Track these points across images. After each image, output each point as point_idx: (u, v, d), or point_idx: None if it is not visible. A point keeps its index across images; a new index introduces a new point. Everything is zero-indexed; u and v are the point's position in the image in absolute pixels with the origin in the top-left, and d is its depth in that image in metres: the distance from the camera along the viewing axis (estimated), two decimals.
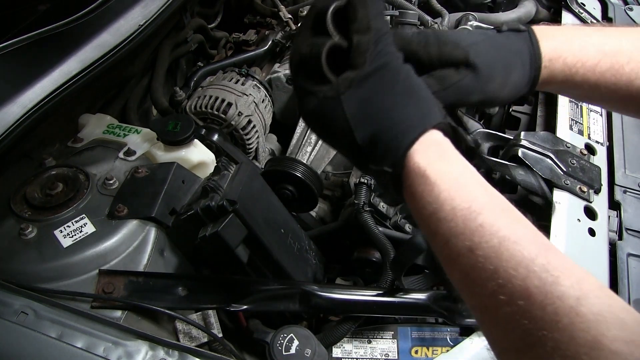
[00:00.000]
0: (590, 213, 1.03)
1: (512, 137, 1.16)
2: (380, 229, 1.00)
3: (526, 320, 0.41)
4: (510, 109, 1.50)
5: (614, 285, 0.93)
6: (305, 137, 1.20)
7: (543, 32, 0.62)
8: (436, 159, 0.48)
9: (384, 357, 0.90)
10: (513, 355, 0.43)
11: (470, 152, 0.53)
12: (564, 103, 1.26)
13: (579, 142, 1.15)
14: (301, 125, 1.24)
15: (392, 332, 0.92)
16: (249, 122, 1.16)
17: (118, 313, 0.76)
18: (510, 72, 0.61)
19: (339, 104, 0.50)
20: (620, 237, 1.02)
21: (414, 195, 0.48)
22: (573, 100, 1.27)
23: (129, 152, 0.94)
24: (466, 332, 0.88)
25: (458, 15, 1.62)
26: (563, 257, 0.44)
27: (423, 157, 0.48)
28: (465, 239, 0.45)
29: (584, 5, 1.56)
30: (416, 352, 0.90)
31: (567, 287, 0.40)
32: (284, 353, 0.74)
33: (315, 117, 0.53)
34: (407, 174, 0.48)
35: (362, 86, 0.50)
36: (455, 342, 0.88)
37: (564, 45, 0.62)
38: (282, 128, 1.33)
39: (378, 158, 0.50)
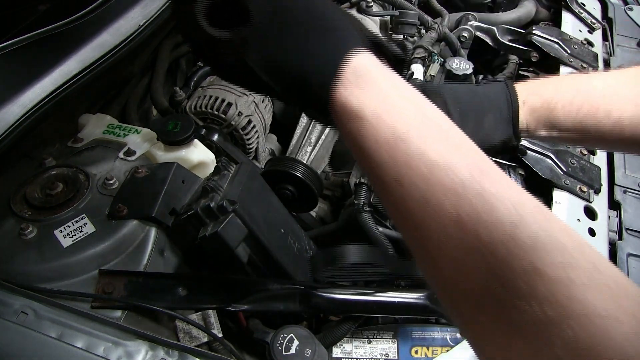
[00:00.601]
0: (590, 213, 1.03)
1: None
2: (380, 229, 1.00)
3: (461, 250, 0.38)
4: None
5: None
6: (305, 137, 1.20)
7: (519, 82, 0.68)
8: (358, 90, 0.44)
9: (384, 357, 0.90)
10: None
11: (398, 62, 0.50)
12: None
13: None
14: (301, 125, 1.24)
15: (392, 332, 0.92)
16: (249, 122, 1.16)
17: (118, 313, 0.76)
18: (484, 115, 0.64)
19: (244, 63, 0.46)
20: (620, 237, 1.02)
21: (346, 136, 0.46)
22: None
23: (129, 152, 0.94)
24: None
25: (458, 15, 1.62)
26: (501, 180, 0.40)
27: (344, 94, 0.44)
28: (391, 171, 0.42)
29: (584, 5, 1.56)
30: (416, 352, 0.90)
31: (502, 213, 0.37)
32: (284, 353, 0.74)
33: (229, 78, 0.52)
34: (335, 115, 0.46)
35: (258, 39, 0.46)
36: (455, 342, 0.88)
37: (538, 85, 0.68)
38: (282, 128, 1.33)
39: (306, 105, 0.48)
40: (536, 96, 0.66)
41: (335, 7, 0.49)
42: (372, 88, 0.44)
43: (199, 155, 0.97)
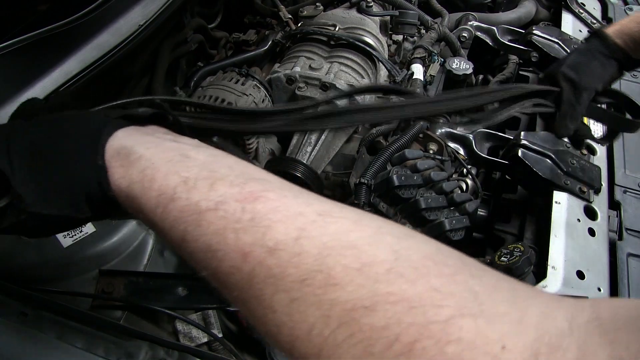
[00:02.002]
0: (590, 213, 1.03)
1: (512, 137, 1.16)
2: None
3: (259, 284, 0.37)
4: None
5: (614, 285, 0.93)
6: (305, 137, 1.20)
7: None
8: (124, 170, 0.45)
9: None
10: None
11: (176, 125, 0.52)
12: None
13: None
14: None
15: None
16: None
17: (118, 313, 0.76)
18: (590, 63, 1.01)
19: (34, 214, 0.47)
20: (620, 237, 1.02)
21: (138, 218, 0.46)
22: None
23: None
24: None
25: (458, 15, 1.62)
26: (276, 199, 0.40)
27: (114, 181, 0.45)
28: (174, 233, 0.42)
29: (584, 5, 1.56)
30: None
31: (282, 233, 0.37)
32: None
33: (34, 234, 0.53)
34: (123, 204, 0.46)
35: (26, 188, 0.46)
36: None
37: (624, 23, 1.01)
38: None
39: (101, 213, 0.48)
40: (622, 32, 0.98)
41: (73, 116, 0.50)
42: (136, 162, 0.45)
43: None
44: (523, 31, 1.47)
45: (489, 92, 0.96)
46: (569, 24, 1.51)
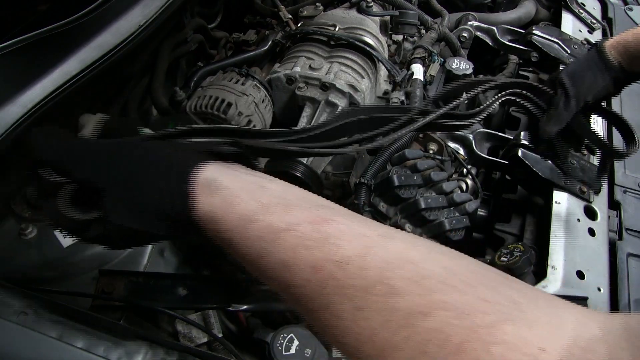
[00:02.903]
0: (590, 213, 1.03)
1: (512, 137, 1.16)
2: None
3: (328, 294, 0.42)
4: (510, 109, 1.50)
5: (614, 285, 0.93)
6: None
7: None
8: (208, 198, 0.51)
9: None
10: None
11: (239, 156, 0.58)
12: None
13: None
14: (301, 125, 1.24)
15: None
16: (249, 122, 1.16)
17: (118, 313, 0.76)
18: (585, 74, 1.00)
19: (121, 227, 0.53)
20: (620, 237, 1.02)
21: (215, 241, 0.52)
22: None
23: None
24: None
25: (458, 15, 1.62)
26: (343, 222, 0.46)
27: (199, 206, 0.51)
28: (251, 251, 0.48)
29: (584, 5, 1.56)
30: None
31: (349, 250, 0.43)
32: (284, 353, 0.74)
33: (121, 245, 0.59)
34: (202, 228, 0.52)
35: (116, 204, 0.53)
36: None
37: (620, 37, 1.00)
38: (282, 128, 1.33)
39: (178, 232, 0.55)
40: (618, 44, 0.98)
41: (165, 147, 0.57)
42: (219, 191, 0.51)
43: None
44: (523, 31, 1.47)
45: (490, 80, 0.99)
46: (569, 24, 1.51)
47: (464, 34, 1.52)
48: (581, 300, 0.87)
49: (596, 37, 1.49)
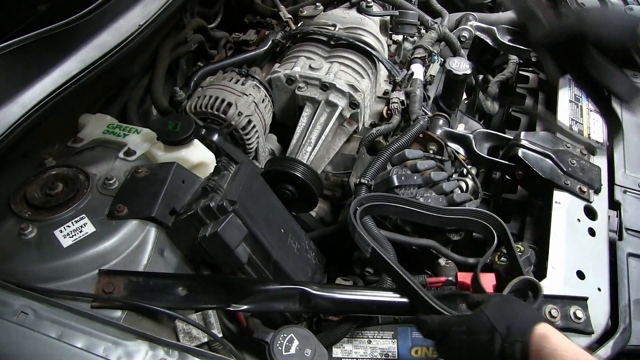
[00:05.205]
0: (590, 213, 1.03)
1: (512, 137, 1.16)
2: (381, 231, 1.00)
3: None
4: (510, 109, 1.50)
5: (614, 285, 0.93)
6: (305, 137, 1.20)
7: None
8: (547, 348, 0.64)
9: (384, 357, 0.90)
10: None
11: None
12: (564, 103, 1.26)
13: (578, 142, 1.15)
14: (301, 125, 1.24)
15: (392, 332, 0.92)
16: (249, 122, 1.16)
17: (118, 313, 0.76)
18: None
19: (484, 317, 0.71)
20: (620, 237, 1.02)
21: None
22: (573, 100, 1.27)
23: (129, 152, 0.94)
24: None
25: (458, 15, 1.62)
26: None
27: (540, 347, 0.65)
28: None
29: (584, 5, 1.56)
30: (416, 352, 0.90)
31: None
32: (284, 353, 0.74)
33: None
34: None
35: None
36: None
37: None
38: (282, 128, 1.33)
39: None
40: None
41: (519, 304, 0.76)
42: (548, 343, 0.65)
43: (199, 155, 0.97)
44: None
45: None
46: None
47: (464, 34, 1.52)
48: (581, 300, 0.87)
49: None
